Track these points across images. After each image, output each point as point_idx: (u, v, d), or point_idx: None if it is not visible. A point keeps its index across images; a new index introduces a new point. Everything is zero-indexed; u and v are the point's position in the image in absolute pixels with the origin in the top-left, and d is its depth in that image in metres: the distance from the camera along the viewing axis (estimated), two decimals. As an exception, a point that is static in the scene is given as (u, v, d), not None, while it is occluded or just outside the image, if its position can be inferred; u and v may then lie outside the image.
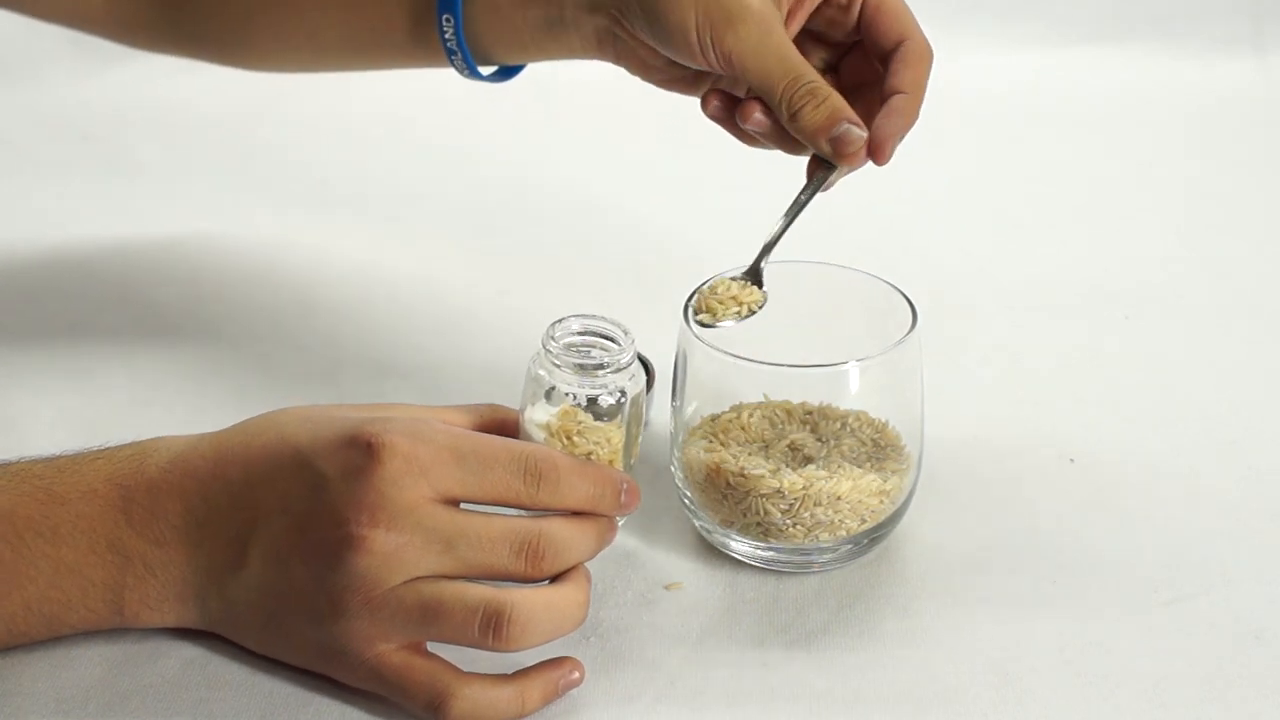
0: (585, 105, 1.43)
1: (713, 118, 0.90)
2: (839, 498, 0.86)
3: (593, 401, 0.84)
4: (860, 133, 0.85)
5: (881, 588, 0.87)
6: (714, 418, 0.89)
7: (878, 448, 0.88)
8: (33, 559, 0.79)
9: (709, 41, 0.87)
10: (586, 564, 0.81)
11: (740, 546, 0.88)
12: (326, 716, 0.79)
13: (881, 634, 0.84)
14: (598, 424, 0.84)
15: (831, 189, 0.89)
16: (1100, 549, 0.90)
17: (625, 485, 0.81)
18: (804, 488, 0.85)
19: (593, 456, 0.83)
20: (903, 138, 0.87)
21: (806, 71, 0.86)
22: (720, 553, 0.89)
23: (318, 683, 0.80)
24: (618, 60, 0.93)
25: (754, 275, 0.88)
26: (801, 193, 0.88)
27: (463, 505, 0.79)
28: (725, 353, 0.86)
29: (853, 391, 0.88)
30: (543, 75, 1.50)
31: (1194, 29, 1.50)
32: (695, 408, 0.89)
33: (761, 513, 0.86)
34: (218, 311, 1.12)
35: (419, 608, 0.77)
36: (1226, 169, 1.34)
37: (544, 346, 0.84)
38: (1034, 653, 0.83)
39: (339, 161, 1.34)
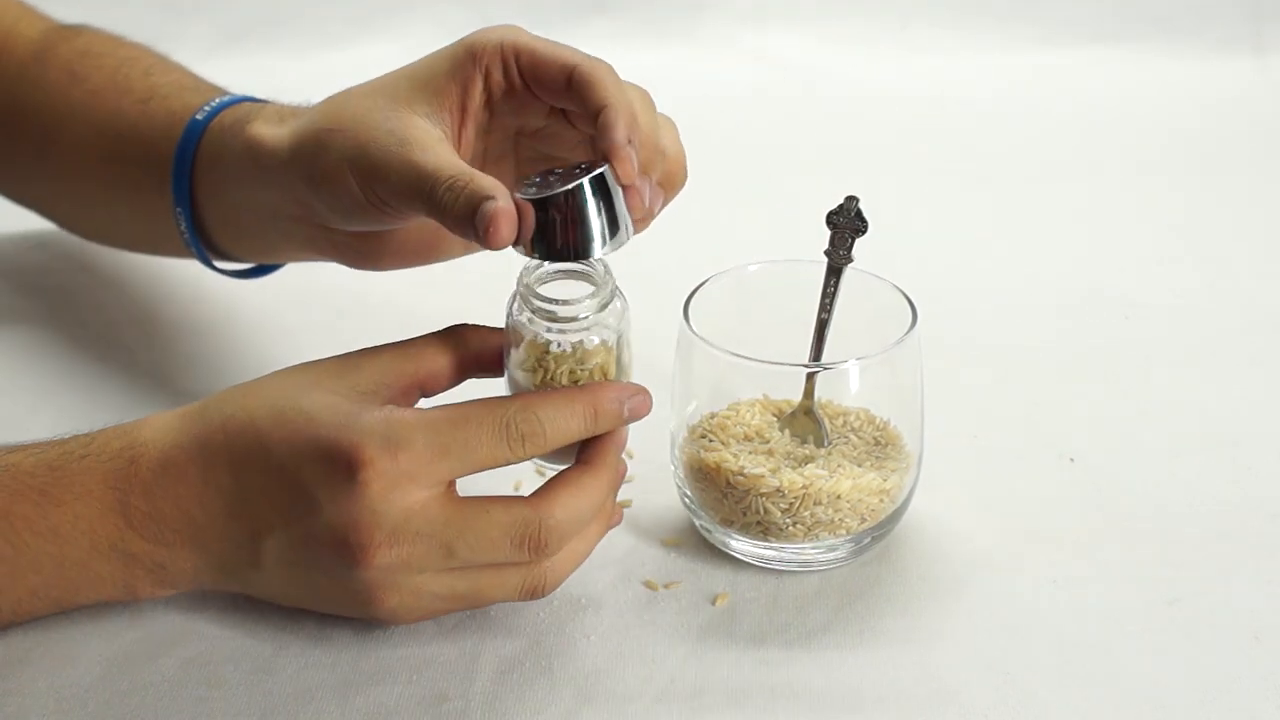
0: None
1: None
2: (839, 497, 0.86)
3: (578, 346, 0.82)
4: (505, 205, 0.77)
5: (881, 587, 0.87)
6: (713, 416, 0.89)
7: (878, 446, 0.88)
8: (34, 556, 0.79)
9: (371, 190, 0.82)
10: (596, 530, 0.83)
11: (740, 546, 0.88)
12: (326, 716, 0.79)
13: (881, 633, 0.84)
14: (586, 353, 0.82)
15: None
16: (1100, 549, 0.90)
17: (629, 395, 0.81)
18: (804, 487, 0.85)
19: None
20: (662, 203, 0.85)
21: (443, 169, 0.79)
22: (720, 552, 0.89)
23: (318, 681, 0.80)
24: (338, 257, 0.93)
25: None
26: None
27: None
28: (725, 352, 0.86)
29: (853, 391, 0.88)
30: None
31: (1194, 29, 1.50)
32: (695, 406, 0.89)
33: (761, 512, 0.86)
34: (218, 311, 1.12)
35: (450, 594, 0.80)
36: (1226, 169, 1.34)
37: (518, 289, 0.82)
38: (1034, 653, 0.83)
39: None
